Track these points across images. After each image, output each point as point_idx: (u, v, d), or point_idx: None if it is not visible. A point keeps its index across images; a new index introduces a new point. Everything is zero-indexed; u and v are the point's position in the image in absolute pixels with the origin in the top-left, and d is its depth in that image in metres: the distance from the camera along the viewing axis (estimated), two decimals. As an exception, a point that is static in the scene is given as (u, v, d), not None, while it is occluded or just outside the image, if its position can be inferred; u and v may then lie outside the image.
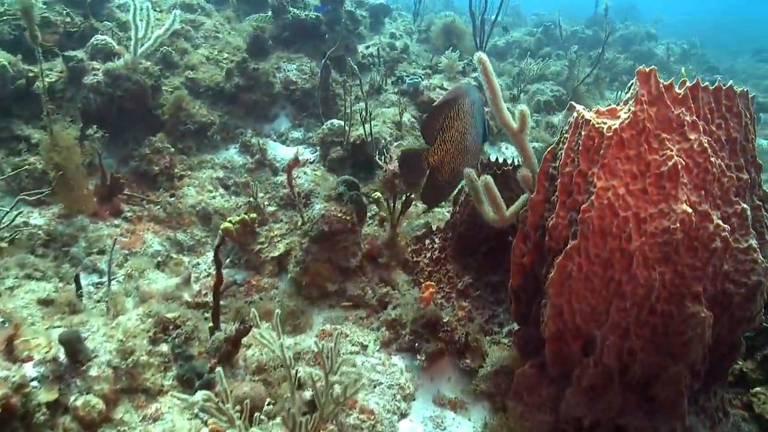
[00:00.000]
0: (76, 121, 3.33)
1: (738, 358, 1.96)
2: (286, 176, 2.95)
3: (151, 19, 3.56)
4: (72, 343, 1.76)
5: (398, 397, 2.22)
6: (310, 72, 4.53)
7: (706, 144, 1.67)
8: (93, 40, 3.65)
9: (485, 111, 2.33)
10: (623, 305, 1.74)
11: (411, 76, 4.84)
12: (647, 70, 1.67)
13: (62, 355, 1.75)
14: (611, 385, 1.84)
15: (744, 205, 1.72)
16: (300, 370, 2.15)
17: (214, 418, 1.40)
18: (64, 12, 3.86)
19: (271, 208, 3.28)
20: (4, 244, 2.61)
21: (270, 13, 4.92)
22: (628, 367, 1.81)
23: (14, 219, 2.68)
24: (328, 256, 2.68)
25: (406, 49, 5.84)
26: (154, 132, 3.62)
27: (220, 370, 1.35)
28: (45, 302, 2.24)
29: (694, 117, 1.70)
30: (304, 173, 3.38)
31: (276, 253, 2.89)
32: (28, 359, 1.71)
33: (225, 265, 3.00)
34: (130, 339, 1.95)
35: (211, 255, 2.95)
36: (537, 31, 8.91)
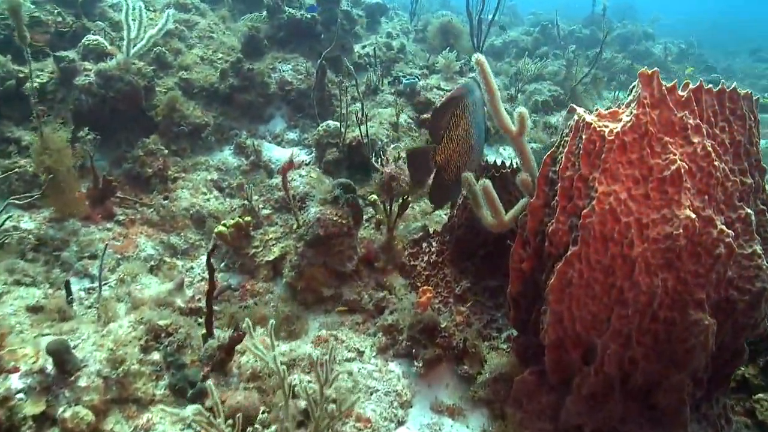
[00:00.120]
0: (67, 122, 3.28)
1: (741, 365, 1.93)
2: (281, 179, 2.90)
3: (144, 18, 3.51)
4: (60, 353, 1.71)
5: (395, 404, 2.18)
6: (306, 72, 4.48)
7: (709, 148, 1.64)
8: (85, 40, 3.59)
9: (485, 110, 2.29)
10: (625, 312, 1.70)
11: (408, 77, 4.79)
12: (649, 72, 1.63)
13: (50, 366, 1.70)
14: (612, 393, 1.81)
15: (748, 210, 1.68)
16: (295, 379, 2.11)
17: None
18: (55, 11, 3.80)
19: (266, 211, 3.23)
20: (-7, 249, 2.56)
21: (265, 12, 4.87)
22: (630, 375, 1.77)
23: (3, 223, 2.63)
24: (323, 261, 2.63)
25: (403, 49, 5.79)
26: (148, 133, 3.57)
27: (210, 384, 1.30)
28: (34, 309, 2.19)
29: (698, 120, 1.66)
30: (300, 176, 3.34)
31: (271, 257, 2.84)
32: (15, 370, 1.66)
33: (219, 269, 2.95)
34: (121, 347, 1.90)
35: (205, 258, 2.91)
36: (534, 30, 8.87)
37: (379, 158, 2.75)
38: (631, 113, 1.64)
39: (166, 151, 3.53)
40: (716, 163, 1.65)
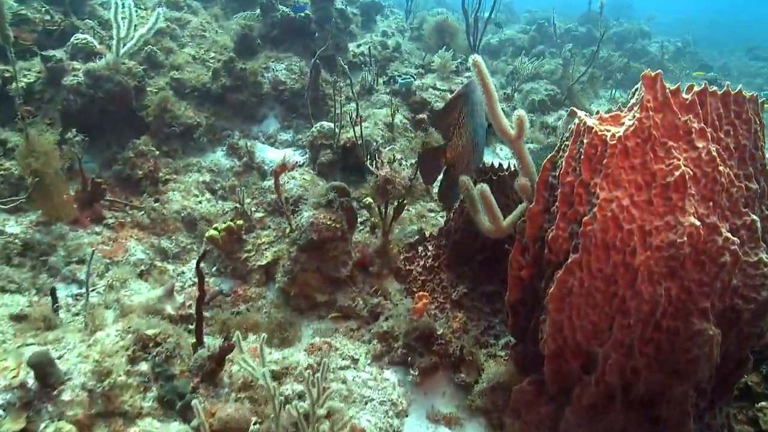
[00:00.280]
0: (55, 123, 3.20)
1: (745, 374, 1.88)
2: (274, 182, 2.83)
3: (134, 17, 3.43)
4: (42, 366, 1.65)
5: (391, 413, 2.13)
6: (300, 72, 4.42)
7: (714, 153, 1.58)
8: (73, 39, 3.51)
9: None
10: (627, 322, 1.65)
11: (403, 76, 4.73)
12: (653, 74, 1.57)
13: (31, 380, 1.64)
14: (613, 404, 1.76)
15: (754, 216, 1.63)
16: (288, 389, 2.06)
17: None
18: (43, 9, 3.72)
19: (259, 214, 3.17)
20: (-23, 255, 2.49)
21: (258, 10, 4.79)
22: (632, 385, 1.73)
23: (-12, 228, 2.56)
24: (317, 266, 2.58)
25: (398, 48, 5.73)
26: (138, 134, 3.50)
27: (196, 402, 1.24)
28: (18, 318, 2.12)
29: (702, 124, 1.61)
30: (293, 178, 3.27)
31: (263, 262, 2.78)
32: (-6, 384, 1.59)
33: (211, 273, 2.89)
34: (107, 358, 1.84)
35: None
36: (530, 28, 8.82)
37: (374, 160, 2.69)
38: (634, 117, 1.59)
39: (157, 153, 3.45)
40: (721, 168, 1.60)
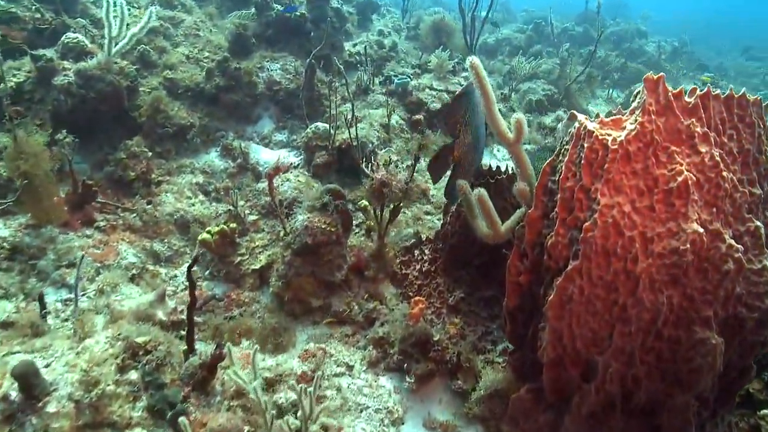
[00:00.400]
0: (45, 124, 3.15)
1: (748, 383, 1.85)
2: (268, 184, 2.78)
3: (126, 15, 3.37)
4: (27, 377, 1.60)
5: (386, 421, 2.09)
6: (295, 72, 4.36)
7: (717, 157, 1.55)
8: (64, 38, 3.45)
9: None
10: (627, 330, 1.61)
11: (399, 76, 4.69)
12: (655, 77, 1.54)
13: (14, 392, 1.59)
14: (613, 412, 1.72)
15: (758, 222, 1.60)
16: (281, 397, 2.01)
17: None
18: (33, 7, 3.65)
19: (253, 217, 3.12)
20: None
21: (253, 9, 4.73)
22: (632, 394, 1.69)
23: (-25, 231, 2.51)
24: (311, 270, 2.53)
25: (395, 47, 5.68)
26: (131, 135, 3.44)
27: (184, 420, 1.20)
28: (4, 325, 2.07)
29: (705, 128, 1.57)
30: (288, 180, 3.22)
31: (257, 266, 2.74)
32: (-23, 396, 1.55)
33: (204, 277, 2.84)
34: (95, 368, 1.79)
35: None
36: (527, 28, 8.79)
37: (370, 162, 2.64)
38: (636, 121, 1.55)
39: (150, 154, 3.40)
40: (724, 173, 1.56)
